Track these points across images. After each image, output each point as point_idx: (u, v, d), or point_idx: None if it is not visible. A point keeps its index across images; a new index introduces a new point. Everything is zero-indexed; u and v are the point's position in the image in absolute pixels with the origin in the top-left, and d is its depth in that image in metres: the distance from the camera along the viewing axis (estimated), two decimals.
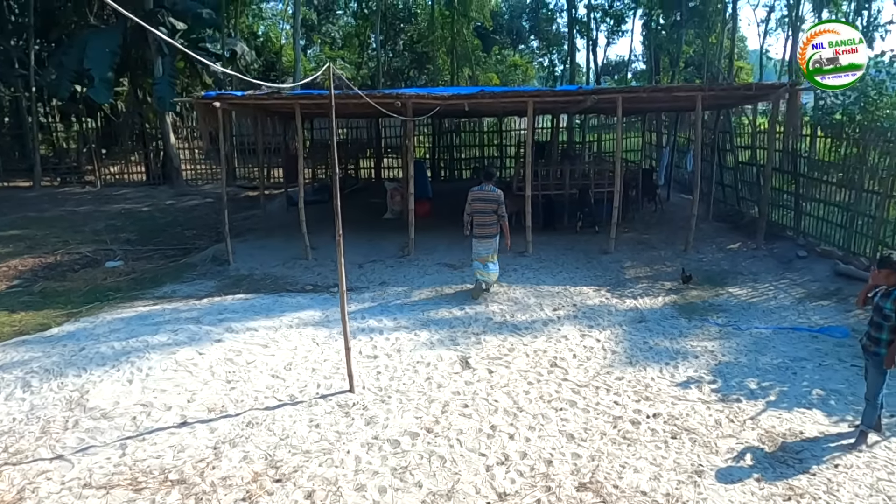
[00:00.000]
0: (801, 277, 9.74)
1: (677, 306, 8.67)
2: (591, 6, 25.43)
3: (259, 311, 8.36)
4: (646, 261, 10.88)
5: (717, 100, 10.54)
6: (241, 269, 10.68)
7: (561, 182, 13.49)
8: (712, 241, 11.85)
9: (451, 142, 21.17)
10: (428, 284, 9.62)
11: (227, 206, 11.18)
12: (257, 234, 13.32)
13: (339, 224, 5.68)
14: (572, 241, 12.14)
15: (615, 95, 10.38)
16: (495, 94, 10.56)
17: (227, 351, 6.81)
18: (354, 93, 9.58)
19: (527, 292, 9.18)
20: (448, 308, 8.49)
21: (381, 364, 6.65)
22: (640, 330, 7.75)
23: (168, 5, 18.62)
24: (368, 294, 9.21)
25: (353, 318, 8.02)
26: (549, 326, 7.83)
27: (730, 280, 9.82)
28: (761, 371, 6.54)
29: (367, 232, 13.07)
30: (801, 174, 11.28)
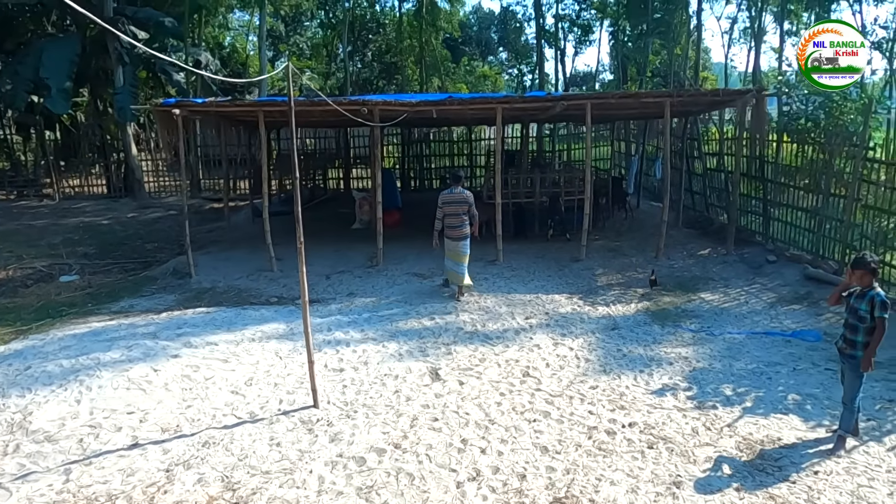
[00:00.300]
0: (772, 282, 9.73)
1: (650, 313, 8.57)
2: (559, 16, 25.60)
3: (220, 324, 8.02)
4: (617, 268, 10.79)
5: (685, 106, 10.55)
6: (204, 282, 10.30)
7: (531, 190, 13.38)
8: (683, 247, 11.83)
9: (421, 152, 20.97)
10: (397, 295, 9.38)
11: (190, 218, 10.85)
12: (221, 246, 12.93)
13: (301, 231, 5.42)
14: (543, 249, 12.02)
15: (584, 101, 10.30)
16: (463, 101, 10.41)
17: (184, 367, 6.47)
18: (320, 99, 9.33)
19: (498, 301, 8.99)
20: (417, 318, 8.25)
21: (348, 377, 6.38)
22: (613, 337, 7.61)
23: (129, 14, 18.17)
24: (335, 305, 8.93)
25: (319, 330, 7.74)
26: (521, 335, 7.65)
27: (701, 286, 9.76)
28: (736, 377, 6.43)
29: (335, 243, 12.79)
30: (769, 180, 11.33)
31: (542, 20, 25.62)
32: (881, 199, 8.67)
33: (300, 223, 5.41)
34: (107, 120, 21.75)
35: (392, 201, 15.42)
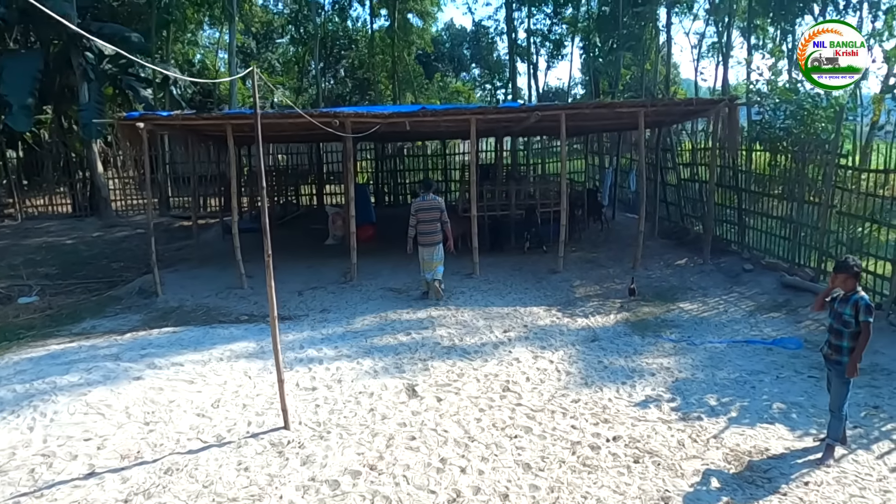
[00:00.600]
0: (750, 290, 9.68)
1: (630, 323, 8.43)
2: (531, 31, 25.77)
3: (187, 344, 7.69)
4: (595, 279, 10.68)
5: (658, 116, 10.54)
6: (171, 301, 9.94)
7: (507, 203, 13.27)
8: (660, 257, 11.78)
9: (395, 166, 20.81)
10: (371, 310, 9.13)
11: (158, 236, 10.55)
12: (190, 263, 12.56)
13: (268, 244, 5.17)
14: (520, 262, 11.88)
15: (558, 112, 10.23)
16: (437, 113, 10.26)
17: (146, 389, 6.14)
18: (291, 111, 9.11)
19: (475, 314, 8.79)
20: (393, 334, 8.01)
21: (320, 396, 6.11)
22: (593, 349, 7.45)
23: (94, 29, 17.75)
24: (308, 322, 8.65)
25: (291, 347, 7.47)
26: (499, 349, 7.45)
27: (680, 295, 9.68)
28: (720, 386, 6.30)
29: (308, 258, 12.52)
30: (743, 189, 11.35)
31: (515, 34, 25.80)
32: (854, 206, 8.69)
33: (268, 235, 5.17)
34: (72, 138, 21.21)
35: (366, 216, 15.22)
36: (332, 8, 28.16)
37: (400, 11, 25.31)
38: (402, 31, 25.32)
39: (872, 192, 8.27)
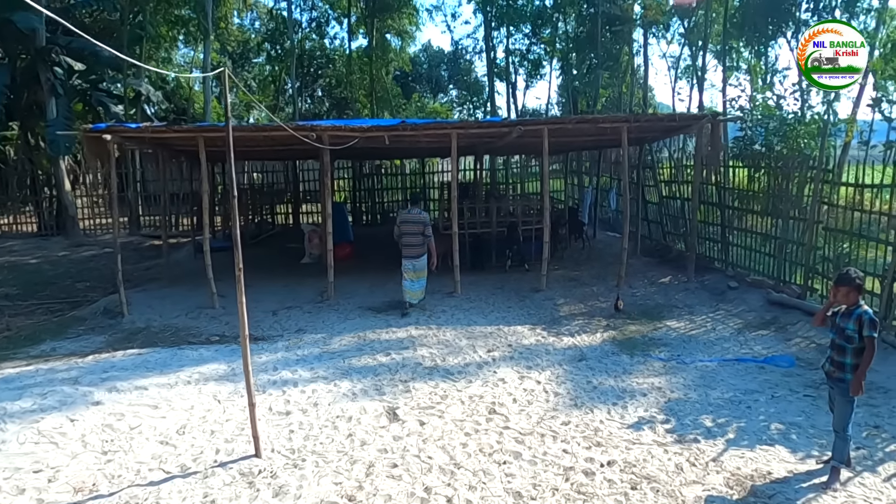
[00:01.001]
0: (736, 308, 9.51)
1: (617, 342, 8.18)
2: (510, 50, 25.83)
3: (153, 366, 7.25)
4: (579, 297, 10.44)
5: (641, 132, 10.43)
6: (137, 322, 9.46)
7: (488, 220, 13.04)
8: (643, 275, 11.60)
9: (373, 185, 20.49)
10: (349, 330, 8.76)
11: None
12: (160, 283, 12.08)
13: (239, 256, 4.82)
14: (502, 280, 11.61)
15: (541, 126, 10.05)
16: (417, 127, 10.01)
17: (106, 415, 5.70)
18: (267, 124, 8.79)
19: (458, 334, 8.47)
20: (372, 354, 7.65)
21: (295, 421, 5.72)
22: (581, 369, 7.16)
23: (63, 43, 17.31)
24: (282, 343, 8.24)
25: (264, 369, 7.07)
26: (484, 369, 7.12)
27: (666, 313, 9.47)
28: (714, 406, 6.04)
29: (284, 277, 12.12)
30: (726, 206, 11.25)
31: (493, 53, 25.86)
32: (841, 222, 8.58)
33: (239, 247, 4.82)
34: (39, 155, 20.59)
35: (343, 235, 14.88)
36: (309, 25, 28.03)
37: (378, 30, 25.24)
38: (381, 48, 25.21)
39: (860, 208, 8.17)
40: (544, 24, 24.26)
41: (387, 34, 29.62)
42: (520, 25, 25.16)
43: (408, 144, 12.05)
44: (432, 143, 11.37)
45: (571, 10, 22.26)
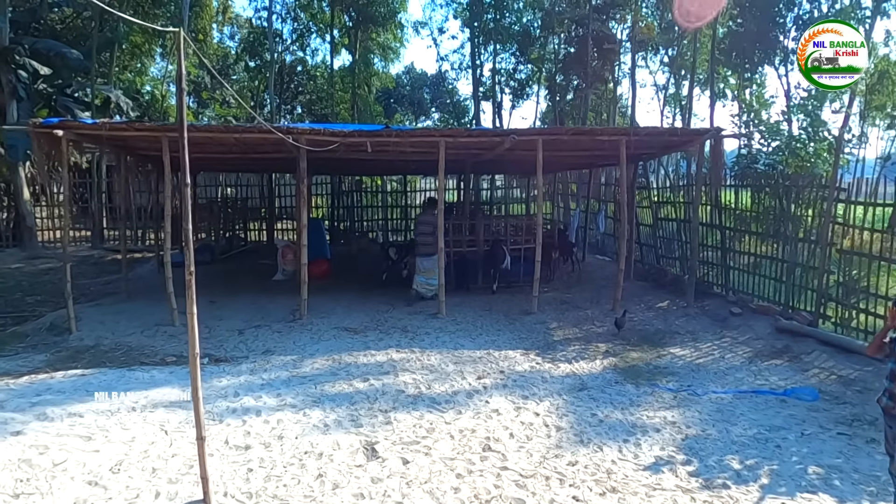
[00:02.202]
0: (742, 335, 8.83)
1: (619, 370, 7.42)
2: (496, 70, 25.39)
3: (95, 389, 6.30)
4: (573, 321, 9.69)
5: (640, 147, 9.82)
6: (86, 339, 8.48)
7: (474, 239, 12.30)
8: (639, 299, 10.91)
9: (353, 203, 19.64)
10: (323, 352, 7.88)
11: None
12: (117, 298, 11.08)
13: (191, 257, 3.99)
14: (489, 302, 10.83)
15: (535, 137, 9.38)
16: (402, 133, 9.28)
17: (26, 447, 4.76)
18: (239, 125, 8.01)
19: (444, 358, 7.65)
20: (348, 380, 6.78)
21: (255, 457, 4.83)
22: (583, 399, 6.38)
23: (27, 44, 16.38)
24: (247, 365, 7.34)
25: (223, 395, 6.18)
26: (475, 399, 6.30)
27: (668, 340, 8.75)
28: (738, 445, 5.29)
29: (254, 295, 11.21)
30: (727, 227, 10.66)
31: (480, 71, 25.41)
32: (857, 243, 7.99)
33: (190, 246, 3.99)
34: None
35: (320, 251, 14.03)
36: (291, 37, 27.32)
37: (362, 43, 24.56)
38: (364, 62, 24.60)
39: (880, 229, 7.58)
40: (532, 43, 23.87)
41: (371, 54, 29.20)
42: (506, 44, 24.78)
43: (392, 156, 11.30)
44: (417, 154, 10.64)
45: (560, 29, 21.91)
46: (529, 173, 17.72)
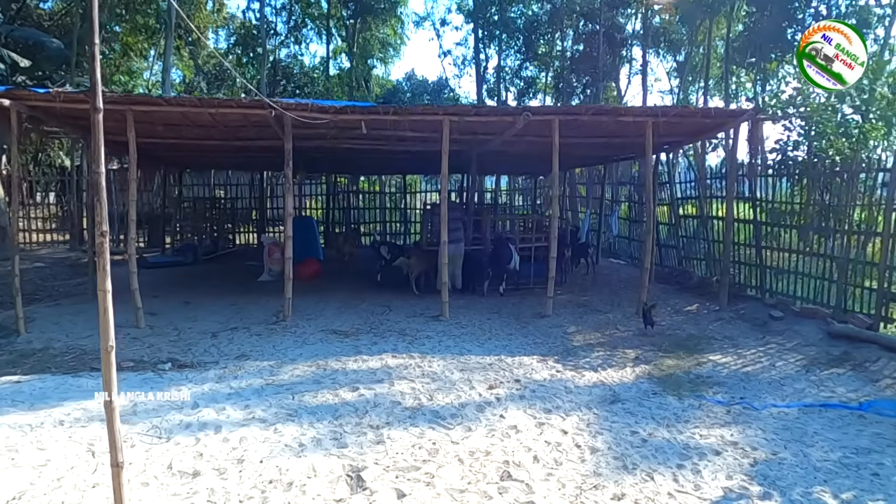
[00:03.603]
0: (789, 341, 7.70)
1: (655, 379, 6.28)
2: (501, 67, 24.36)
3: (24, 399, 5.19)
4: (593, 325, 8.56)
5: (669, 129, 8.74)
6: (35, 342, 7.35)
7: (479, 237, 11.19)
8: (664, 303, 9.77)
9: (349, 203, 18.51)
10: (306, 357, 6.75)
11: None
12: (81, 298, 9.99)
13: (104, 214, 2.90)
14: (497, 305, 9.70)
15: (551, 117, 8.31)
16: (401, 110, 8.17)
17: None
18: (215, 98, 6.97)
19: (448, 364, 6.51)
20: (333, 389, 5.65)
21: (203, 488, 3.70)
22: (618, 413, 5.24)
23: (4, 32, 15.38)
24: (215, 371, 6.20)
25: (179, 407, 5.06)
26: (487, 412, 5.17)
27: (704, 346, 7.61)
28: (824, 472, 4.16)
29: (235, 296, 10.10)
30: (764, 222, 9.57)
31: (484, 68, 24.37)
32: None
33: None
34: None
35: (312, 251, 12.95)
36: (286, 30, 26.25)
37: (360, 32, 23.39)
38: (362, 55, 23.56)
39: None
40: (538, 38, 22.85)
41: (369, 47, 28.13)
42: (511, 41, 23.77)
43: (390, 144, 10.24)
44: (419, 140, 9.58)
45: (569, 23, 20.92)
46: (538, 170, 16.64)
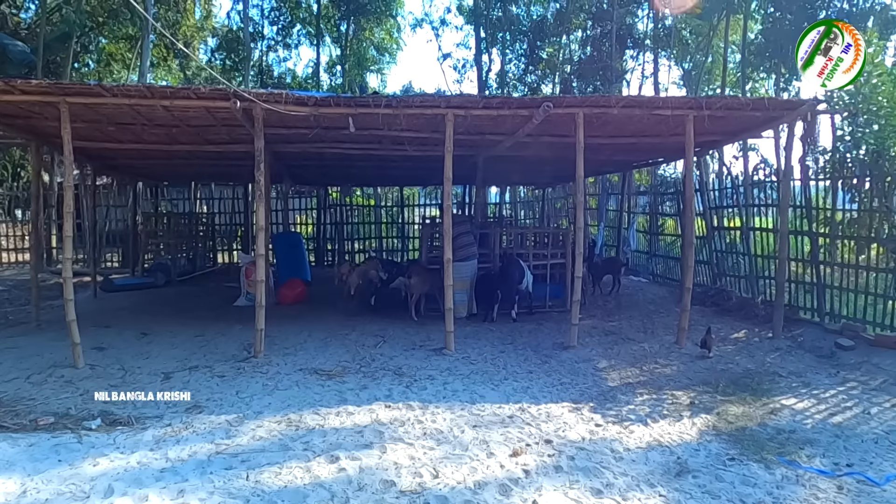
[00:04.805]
0: (872, 378, 6.29)
1: (724, 436, 4.85)
2: (504, 72, 23.05)
3: None
4: (628, 358, 7.14)
5: (712, 125, 7.40)
6: None
7: (487, 252, 9.81)
8: (705, 328, 8.36)
9: (342, 218, 17.08)
10: (276, 408, 5.31)
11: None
12: (22, 329, 8.58)
13: None
14: (510, 332, 8.29)
15: (575, 109, 6.94)
16: (395, 102, 6.75)
17: None
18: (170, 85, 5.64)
19: (457, 418, 5.08)
20: (304, 460, 4.22)
21: None
22: (692, 494, 3.83)
23: None
24: (154, 432, 4.75)
25: (83, 496, 3.62)
26: (514, 496, 3.74)
27: (769, 385, 6.20)
28: None
29: (204, 324, 8.69)
30: (821, 233, 8.19)
31: (486, 74, 23.05)
32: None
33: None
34: None
35: (298, 271, 11.56)
36: (274, 32, 24.90)
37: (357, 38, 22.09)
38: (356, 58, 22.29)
39: None
40: (544, 40, 21.53)
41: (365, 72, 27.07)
42: (515, 44, 22.50)
43: (383, 148, 8.89)
44: (417, 140, 8.23)
45: (577, 23, 19.64)
46: (550, 179, 15.25)
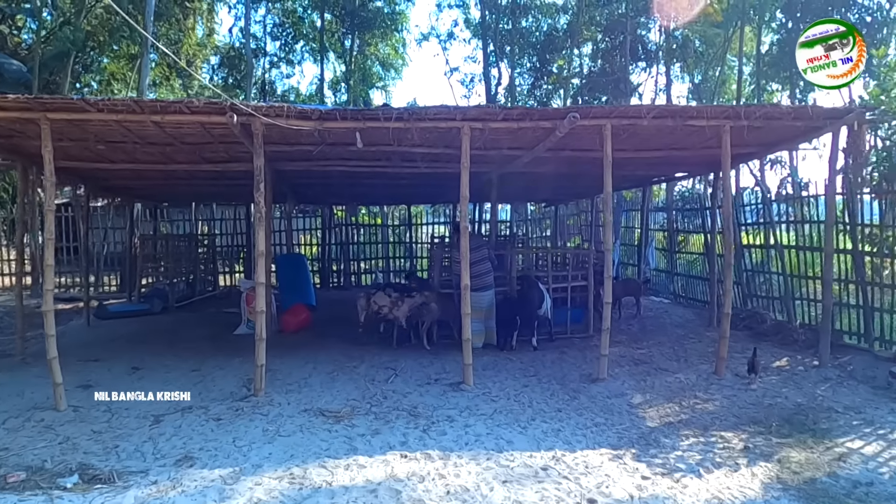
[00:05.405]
0: None
1: (793, 491, 4.21)
2: (513, 86, 22.58)
3: None
4: (664, 392, 6.50)
5: (751, 136, 6.82)
6: None
7: (502, 275, 9.20)
8: (741, 355, 7.71)
9: (348, 239, 16.50)
10: (278, 460, 4.68)
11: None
12: (6, 363, 7.98)
13: None
14: (532, 363, 7.65)
15: (602, 121, 6.36)
16: (408, 114, 6.17)
17: None
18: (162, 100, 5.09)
19: (484, 472, 4.44)
20: None
21: None
22: None
23: None
24: (136, 492, 4.13)
25: None
26: None
27: (826, 423, 5.55)
28: None
29: (202, 356, 8.07)
30: (868, 252, 7.58)
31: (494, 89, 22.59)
32: None
33: None
34: None
35: (302, 296, 10.96)
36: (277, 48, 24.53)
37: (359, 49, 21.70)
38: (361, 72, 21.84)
39: None
40: (554, 51, 21.05)
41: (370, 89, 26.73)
42: (524, 57, 22.06)
43: (393, 165, 8.35)
44: (429, 156, 7.68)
45: (588, 34, 19.17)
46: (568, 196, 14.69)
